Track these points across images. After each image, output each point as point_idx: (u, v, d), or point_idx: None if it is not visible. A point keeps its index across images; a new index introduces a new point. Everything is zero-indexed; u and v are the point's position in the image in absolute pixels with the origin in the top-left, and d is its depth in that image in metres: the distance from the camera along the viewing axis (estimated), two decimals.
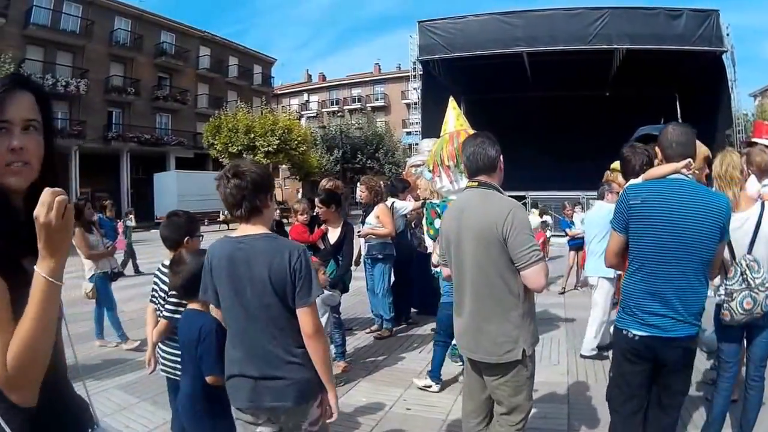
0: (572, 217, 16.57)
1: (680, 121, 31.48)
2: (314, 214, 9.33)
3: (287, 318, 3.81)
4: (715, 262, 4.58)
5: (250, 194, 3.81)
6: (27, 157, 2.04)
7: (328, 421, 4.05)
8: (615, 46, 28.83)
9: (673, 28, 28.37)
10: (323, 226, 9.11)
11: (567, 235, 15.96)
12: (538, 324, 10.55)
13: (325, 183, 10.32)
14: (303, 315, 3.77)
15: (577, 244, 14.61)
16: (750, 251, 5.34)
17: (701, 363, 7.77)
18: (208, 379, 4.27)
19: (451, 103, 8.64)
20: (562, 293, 14.01)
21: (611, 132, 16.72)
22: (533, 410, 6.28)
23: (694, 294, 4.33)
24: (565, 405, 7.09)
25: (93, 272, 10.30)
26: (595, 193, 10.36)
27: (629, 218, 4.45)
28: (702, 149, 6.00)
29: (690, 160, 4.41)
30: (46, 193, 1.85)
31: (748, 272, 5.19)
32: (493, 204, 4.32)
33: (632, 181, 5.63)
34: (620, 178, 7.75)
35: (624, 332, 4.52)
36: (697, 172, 5.00)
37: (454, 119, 8.35)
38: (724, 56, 28.81)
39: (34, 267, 1.87)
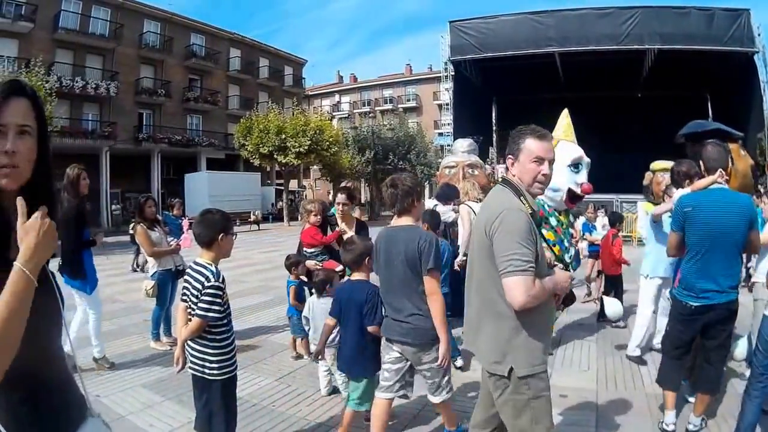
0: (595, 220, 15.53)
1: (712, 120, 32.78)
2: (328, 215, 9.26)
3: (417, 283, 5.33)
4: (753, 245, 5.98)
5: (401, 199, 5.53)
6: (17, 160, 2.12)
7: (436, 365, 5.40)
8: (647, 46, 28.72)
9: (704, 28, 28.16)
10: (338, 228, 8.99)
11: (585, 239, 14.42)
12: (569, 328, 10.40)
13: (344, 183, 10.37)
14: (426, 281, 5.28)
15: (596, 251, 13.55)
16: None
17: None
18: (370, 329, 5.83)
19: (565, 112, 9.28)
20: (586, 302, 13.53)
21: (643, 133, 16.69)
22: (560, 417, 6.60)
23: (732, 271, 5.81)
24: (594, 412, 6.99)
25: (155, 269, 10.16)
26: (628, 196, 10.48)
27: (685, 221, 5.87)
28: (747, 160, 7.43)
29: (721, 170, 5.91)
30: (33, 220, 2.04)
31: None
32: (493, 203, 4.33)
33: (682, 191, 6.83)
34: (659, 177, 9.30)
35: (683, 303, 5.94)
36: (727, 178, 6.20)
37: (564, 129, 9.02)
38: (756, 57, 28.52)
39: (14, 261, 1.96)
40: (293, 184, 64.52)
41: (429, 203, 11.05)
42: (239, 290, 15.35)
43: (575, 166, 8.30)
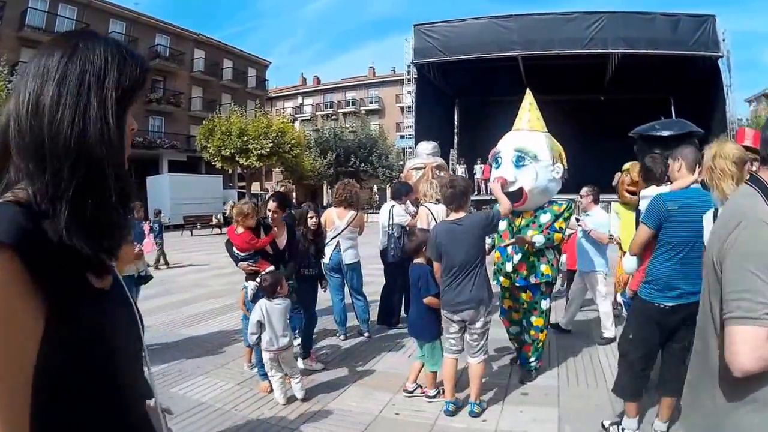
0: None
1: None
2: (263, 218, 9.13)
3: (481, 264, 6.70)
4: None
5: (458, 198, 6.88)
6: None
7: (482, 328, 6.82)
8: (611, 50, 29.16)
9: (669, 33, 28.70)
10: (272, 231, 8.84)
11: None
12: None
13: (277, 187, 10.24)
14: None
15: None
16: None
17: None
18: (425, 300, 7.15)
19: (528, 97, 8.78)
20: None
21: (606, 136, 16.75)
22: (524, 414, 6.75)
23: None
24: (556, 409, 7.04)
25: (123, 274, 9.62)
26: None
27: (666, 219, 5.72)
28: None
29: (701, 169, 5.70)
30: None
31: None
32: (732, 212, 4.50)
33: (660, 189, 6.83)
34: (630, 177, 9.58)
35: (656, 304, 5.72)
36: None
37: (534, 117, 8.59)
38: (719, 61, 29.12)
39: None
40: (255, 187, 64.27)
41: (387, 205, 11.28)
42: (202, 294, 15.32)
43: (495, 160, 8.21)
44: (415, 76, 31.32)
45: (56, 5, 48.23)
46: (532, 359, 8.13)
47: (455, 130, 38.16)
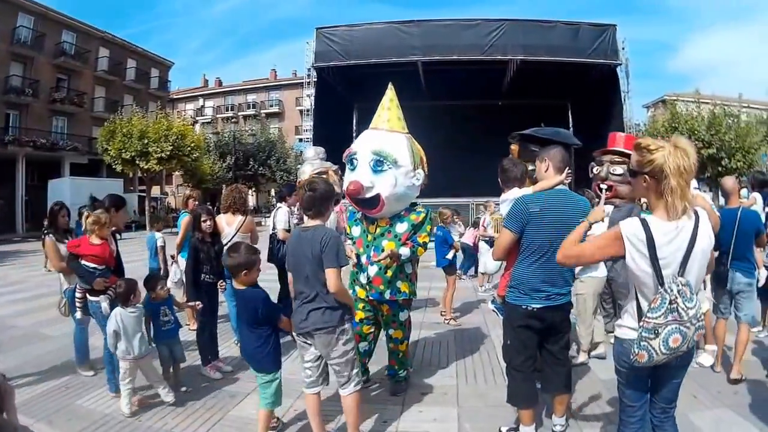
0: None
1: (571, 129, 34.68)
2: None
3: (322, 275, 5.71)
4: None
5: (317, 202, 5.96)
6: None
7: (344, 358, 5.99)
8: (510, 57, 29.59)
9: (568, 41, 29.47)
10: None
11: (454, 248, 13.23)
12: (426, 327, 10.53)
13: (178, 192, 10.09)
14: (327, 274, 5.67)
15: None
16: (682, 273, 3.97)
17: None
18: (282, 324, 6.41)
19: (390, 93, 8.15)
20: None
21: (503, 141, 17.14)
22: (424, 414, 6.85)
23: (570, 274, 5.98)
24: (455, 407, 7.18)
25: (66, 286, 8.81)
26: (486, 199, 10.60)
27: (528, 222, 5.66)
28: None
29: (569, 171, 5.94)
30: None
31: (679, 300, 3.85)
32: None
33: (523, 191, 6.68)
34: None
35: (524, 307, 5.71)
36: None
37: (394, 116, 7.90)
38: (618, 69, 30.15)
39: None
40: (156, 191, 63.51)
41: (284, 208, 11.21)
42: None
43: (349, 161, 7.58)
44: (315, 79, 31.37)
45: None
46: (400, 372, 7.86)
47: (353, 135, 37.53)
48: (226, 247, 6.58)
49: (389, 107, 7.93)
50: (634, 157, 4.14)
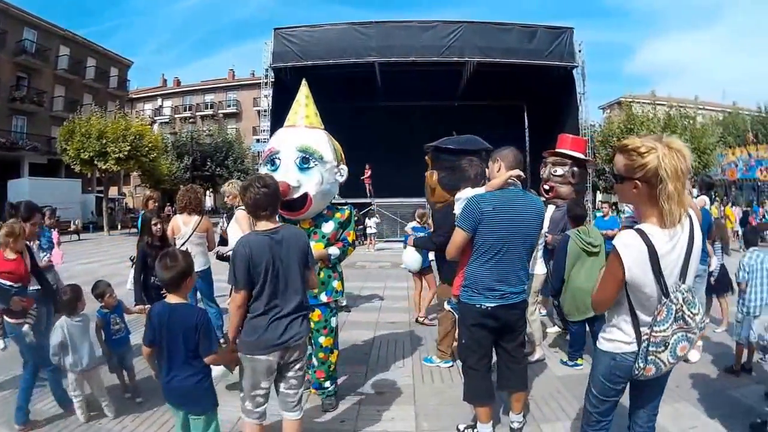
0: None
1: (527, 130, 36.72)
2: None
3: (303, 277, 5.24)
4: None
5: (272, 200, 5.17)
6: None
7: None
8: (467, 59, 29.95)
9: (525, 43, 29.97)
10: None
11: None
12: (382, 327, 10.47)
13: (136, 192, 9.81)
14: (311, 274, 5.41)
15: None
16: (683, 279, 3.80)
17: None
18: (208, 359, 4.92)
19: (304, 89, 8.08)
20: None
21: None
22: (381, 413, 6.81)
23: (524, 273, 5.86)
24: (412, 406, 7.18)
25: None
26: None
27: (481, 221, 5.57)
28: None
29: (519, 171, 5.80)
30: None
31: (684, 308, 3.70)
32: None
33: (477, 190, 6.54)
34: None
35: (477, 306, 5.67)
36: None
37: (311, 112, 7.76)
38: (574, 71, 30.71)
39: None
40: (113, 191, 62.91)
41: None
42: None
43: (271, 162, 7.00)
44: (273, 80, 31.45)
45: None
46: (327, 384, 7.24)
47: None
48: (158, 261, 5.09)
49: (306, 103, 7.85)
50: (621, 161, 3.76)
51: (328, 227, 7.15)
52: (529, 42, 30.26)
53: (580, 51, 30.88)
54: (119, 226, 51.96)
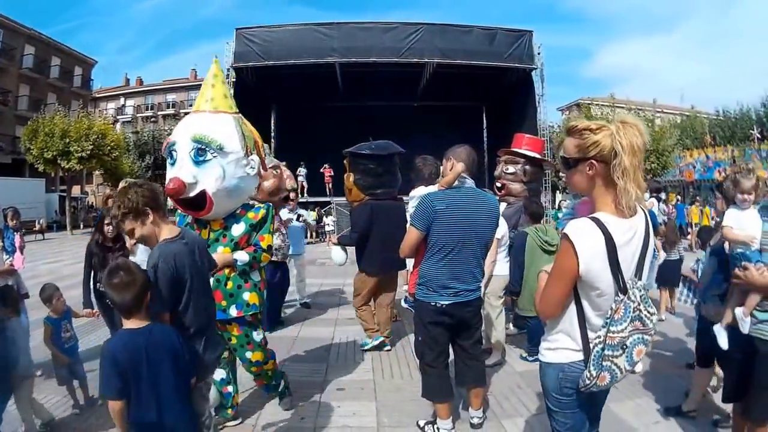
0: None
1: (485, 131, 37.74)
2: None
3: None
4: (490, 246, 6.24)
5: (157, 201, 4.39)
6: None
7: None
8: (426, 60, 30.22)
9: (485, 45, 30.32)
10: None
11: None
12: (344, 324, 10.67)
13: (98, 191, 9.32)
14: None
15: None
16: (639, 275, 3.44)
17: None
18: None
19: (214, 68, 6.70)
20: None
21: (418, 141, 17.32)
22: (342, 409, 6.83)
23: (478, 270, 5.87)
24: (373, 402, 7.21)
25: None
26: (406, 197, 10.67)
27: (434, 219, 5.57)
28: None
29: (463, 164, 5.80)
30: None
31: (642, 307, 3.34)
32: None
33: (429, 188, 6.90)
34: None
35: (433, 303, 5.71)
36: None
37: (218, 94, 6.51)
38: (533, 73, 31.09)
39: None
40: (76, 190, 62.41)
41: None
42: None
43: (169, 154, 6.10)
44: (234, 79, 31.38)
45: None
46: (274, 383, 6.87)
47: (271, 136, 38.44)
48: (107, 278, 3.88)
49: (213, 84, 6.58)
50: (573, 142, 3.37)
51: (237, 229, 6.18)
52: (488, 44, 30.63)
53: (539, 53, 31.27)
54: (82, 226, 51.35)
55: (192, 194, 5.71)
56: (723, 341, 5.21)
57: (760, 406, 4.74)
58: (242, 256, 6.01)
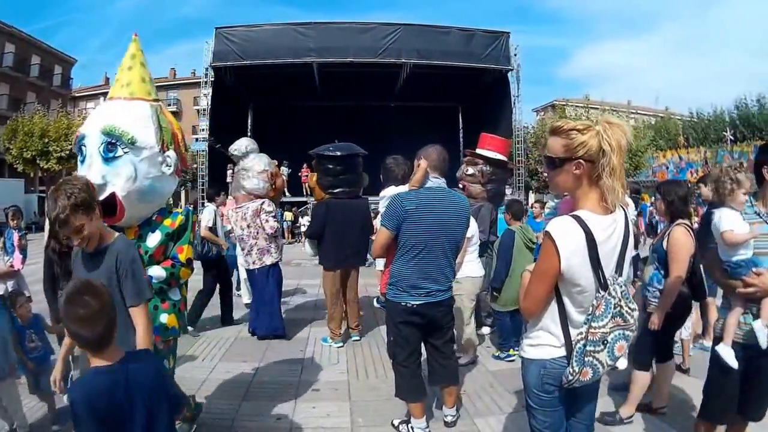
0: None
1: (461, 131, 37.70)
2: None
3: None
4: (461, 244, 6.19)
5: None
6: None
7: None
8: (404, 60, 30.38)
9: (462, 46, 30.51)
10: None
11: None
12: (319, 325, 10.66)
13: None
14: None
15: None
16: (620, 272, 3.49)
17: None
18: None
19: (132, 48, 5.73)
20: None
21: (395, 141, 17.40)
22: (317, 410, 6.86)
23: (449, 270, 5.87)
24: (348, 402, 7.21)
25: None
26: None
27: (404, 219, 5.58)
28: None
29: (426, 161, 5.86)
30: None
31: (623, 303, 3.38)
32: None
33: (400, 188, 6.95)
34: None
35: (403, 304, 5.69)
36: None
37: (135, 77, 5.55)
38: (509, 74, 31.44)
39: None
40: None
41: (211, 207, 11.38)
42: None
43: (79, 150, 5.19)
44: (212, 79, 31.54)
45: None
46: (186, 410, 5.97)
47: (249, 134, 37.28)
48: (64, 304, 3.06)
49: (130, 66, 5.61)
50: (560, 142, 3.37)
51: (153, 239, 5.29)
52: (465, 45, 30.85)
53: (515, 55, 31.60)
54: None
55: (101, 197, 4.69)
56: (731, 360, 4.57)
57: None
58: (158, 273, 5.14)
